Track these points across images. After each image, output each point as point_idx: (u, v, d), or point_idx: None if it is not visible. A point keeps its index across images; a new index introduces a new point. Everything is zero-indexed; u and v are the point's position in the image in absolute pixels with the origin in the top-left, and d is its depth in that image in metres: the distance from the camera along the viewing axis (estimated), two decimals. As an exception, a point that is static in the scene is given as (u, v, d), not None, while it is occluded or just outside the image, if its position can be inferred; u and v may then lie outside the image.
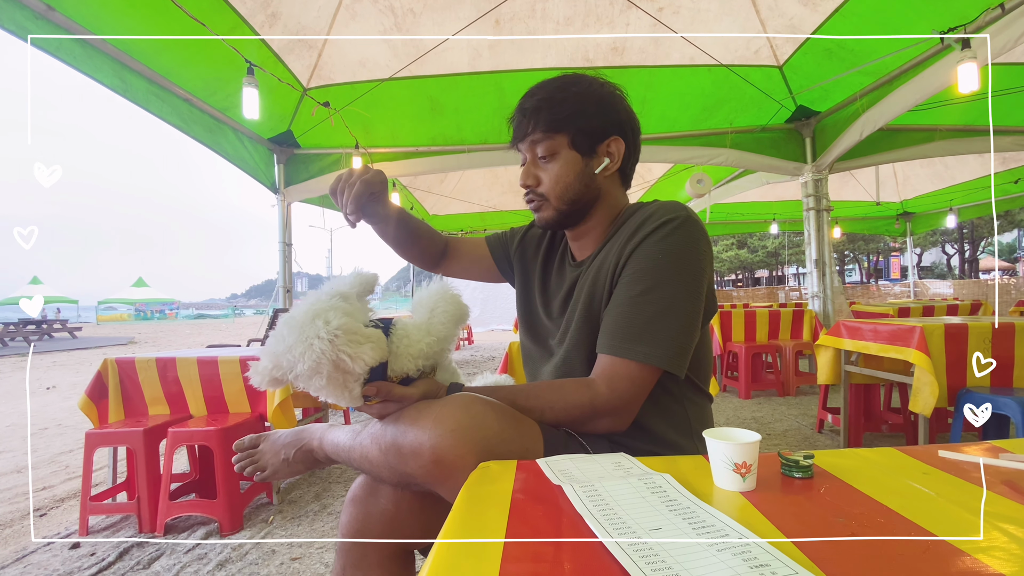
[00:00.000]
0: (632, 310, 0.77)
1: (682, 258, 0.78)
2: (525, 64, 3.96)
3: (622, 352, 0.77)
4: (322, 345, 0.65)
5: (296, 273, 4.89)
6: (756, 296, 18.45)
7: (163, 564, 1.69)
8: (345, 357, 0.67)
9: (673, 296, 0.77)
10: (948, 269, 30.15)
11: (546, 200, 0.89)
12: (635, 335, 0.76)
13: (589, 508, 0.52)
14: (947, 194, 7.16)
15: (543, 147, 0.87)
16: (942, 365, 2.02)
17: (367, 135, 4.52)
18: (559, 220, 0.90)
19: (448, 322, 0.80)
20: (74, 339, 14.03)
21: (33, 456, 3.09)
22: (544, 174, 0.88)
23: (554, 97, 0.86)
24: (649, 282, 0.77)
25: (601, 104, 0.87)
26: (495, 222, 8.54)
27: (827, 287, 4.45)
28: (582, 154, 0.87)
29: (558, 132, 0.86)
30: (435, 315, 0.80)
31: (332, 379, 0.68)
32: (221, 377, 2.11)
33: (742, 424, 3.27)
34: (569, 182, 0.87)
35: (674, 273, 0.77)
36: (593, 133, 0.87)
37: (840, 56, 3.64)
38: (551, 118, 0.85)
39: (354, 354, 0.67)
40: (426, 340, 0.77)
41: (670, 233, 0.78)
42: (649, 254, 0.78)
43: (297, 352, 0.66)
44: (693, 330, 0.79)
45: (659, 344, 0.76)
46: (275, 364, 0.68)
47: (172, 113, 3.34)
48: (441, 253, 1.13)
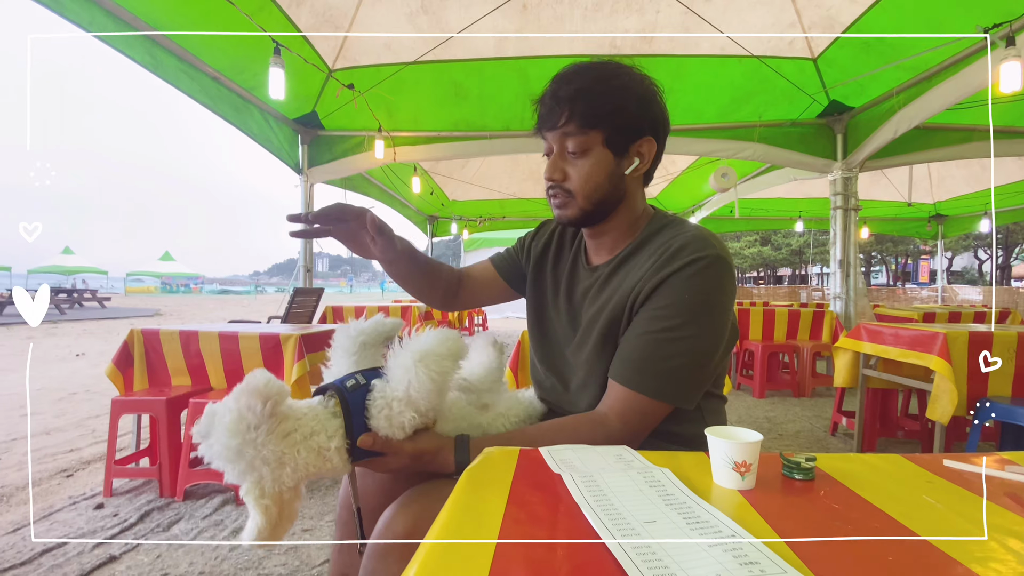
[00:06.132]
0: (653, 346, 0.77)
1: (709, 299, 0.77)
2: (551, 51, 3.91)
3: (637, 387, 0.77)
4: (264, 470, 0.64)
5: (317, 253, 4.97)
6: (777, 295, 18.11)
7: (181, 528, 1.77)
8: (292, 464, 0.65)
9: (695, 336, 0.76)
10: (980, 275, 29.15)
11: (572, 198, 0.84)
12: (653, 372, 0.76)
13: (586, 498, 0.53)
14: (983, 197, 6.90)
15: (575, 142, 0.81)
16: (963, 373, 1.97)
17: (390, 119, 4.54)
18: (582, 219, 0.86)
19: (429, 394, 0.71)
20: (103, 309, 14.52)
21: (62, 419, 3.23)
22: (573, 170, 0.83)
23: (594, 89, 0.80)
24: (674, 320, 0.76)
25: (641, 102, 0.82)
26: (515, 209, 8.52)
27: (850, 288, 4.36)
28: (615, 153, 0.82)
29: (594, 128, 0.80)
30: (412, 390, 0.71)
31: (301, 470, 0.66)
32: (241, 352, 2.17)
33: (754, 423, 3.24)
34: (599, 182, 0.82)
35: (699, 314, 0.76)
36: (629, 132, 0.82)
37: (878, 50, 3.51)
38: (589, 112, 0.79)
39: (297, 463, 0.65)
40: (407, 416, 0.70)
41: (699, 272, 0.76)
42: (676, 291, 0.77)
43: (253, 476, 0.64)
44: (709, 368, 0.80)
45: (675, 383, 0.76)
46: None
47: (200, 91, 3.39)
48: (457, 286, 1.08)
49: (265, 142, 4.17)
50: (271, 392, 0.64)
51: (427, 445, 0.73)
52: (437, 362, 0.71)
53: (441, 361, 0.71)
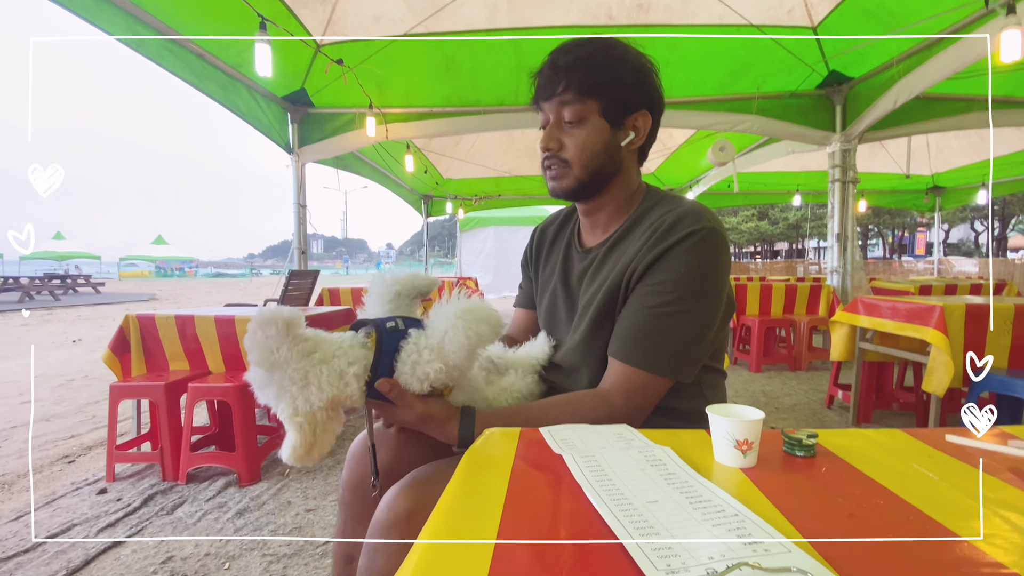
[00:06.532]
0: (651, 321, 0.77)
1: (705, 273, 0.77)
2: (545, 21, 3.81)
3: (638, 363, 0.77)
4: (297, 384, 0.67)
5: (311, 235, 4.92)
6: (774, 269, 18.15)
7: (185, 511, 1.79)
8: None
9: (692, 310, 0.77)
10: (976, 247, 29.24)
11: (568, 167, 0.85)
12: (652, 347, 0.77)
13: (588, 478, 0.53)
14: (981, 168, 6.85)
15: (572, 110, 0.82)
16: (960, 345, 1.98)
17: (381, 94, 4.44)
18: (578, 190, 0.86)
19: (460, 350, 0.72)
20: (98, 294, 14.44)
21: (61, 406, 3.23)
22: (569, 139, 0.83)
23: (592, 59, 0.81)
24: (671, 295, 0.77)
25: (637, 75, 0.83)
26: (510, 187, 8.42)
27: (847, 262, 4.35)
28: (610, 124, 0.83)
29: (590, 97, 0.81)
30: (447, 341, 0.72)
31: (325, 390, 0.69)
32: (238, 336, 2.16)
33: (750, 397, 3.27)
34: (596, 151, 0.83)
35: (696, 288, 0.77)
36: (626, 104, 0.83)
37: (879, 18, 3.43)
38: (587, 81, 0.81)
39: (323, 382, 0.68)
40: (434, 366, 0.72)
41: (695, 246, 0.77)
42: (672, 266, 0.77)
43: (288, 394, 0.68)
44: (706, 341, 0.80)
45: (674, 357, 0.77)
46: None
47: (185, 69, 3.30)
48: None
49: (254, 121, 4.09)
50: (280, 316, 0.66)
51: (436, 411, 0.73)
52: (477, 323, 0.72)
53: (480, 324, 0.73)
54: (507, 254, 12.69)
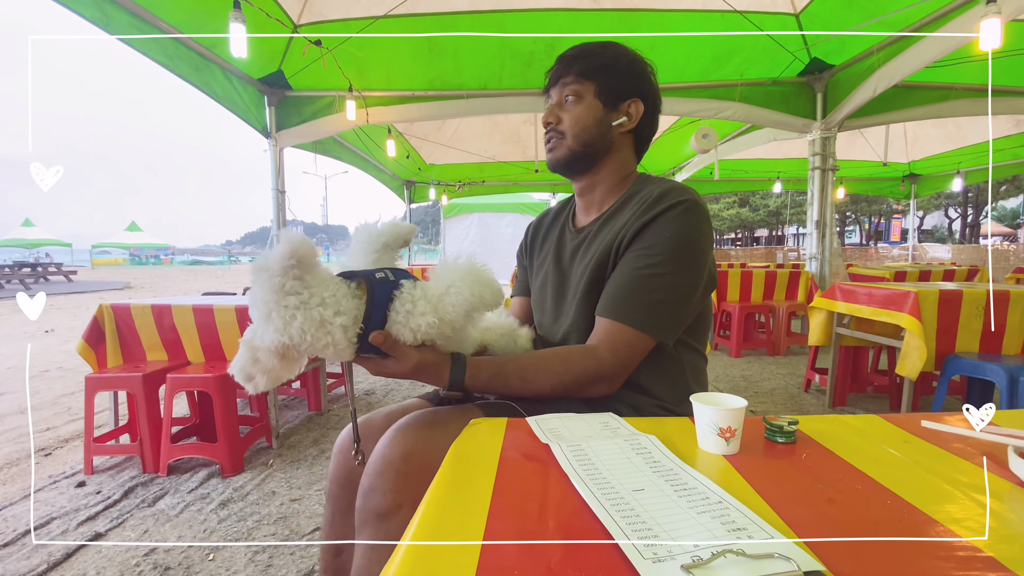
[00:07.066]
0: (638, 282, 0.83)
1: (688, 239, 0.84)
2: (529, 3, 3.75)
3: (624, 319, 0.83)
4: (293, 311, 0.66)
5: (290, 220, 4.83)
6: (754, 256, 18.41)
7: (167, 502, 1.76)
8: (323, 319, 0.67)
9: (676, 273, 0.83)
10: (949, 233, 30.04)
11: (563, 138, 0.94)
12: (638, 304, 0.82)
13: (575, 467, 0.53)
14: (956, 156, 7.01)
15: (571, 89, 0.93)
16: (933, 330, 2.04)
17: (361, 77, 4.33)
18: (570, 159, 0.95)
19: (459, 307, 0.72)
20: (70, 283, 14.03)
21: (36, 398, 3.15)
22: (566, 114, 0.94)
23: (592, 50, 0.94)
24: (656, 258, 0.83)
25: (631, 66, 0.94)
26: (494, 173, 8.35)
27: (826, 249, 4.44)
28: (604, 105, 0.93)
29: (587, 79, 0.93)
30: (448, 296, 0.72)
31: (319, 336, 0.68)
32: (217, 325, 2.12)
33: (730, 382, 3.34)
34: (587, 124, 0.93)
35: (679, 252, 0.83)
36: (619, 90, 0.93)
37: (861, 5, 3.45)
38: (585, 66, 0.93)
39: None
40: (427, 319, 0.71)
41: (680, 214, 0.84)
42: (659, 232, 0.84)
43: (277, 321, 0.67)
44: (689, 305, 0.86)
45: (658, 316, 0.83)
46: (252, 346, 0.71)
47: (157, 49, 3.17)
48: None
49: (230, 104, 3.96)
50: (297, 251, 0.65)
51: (430, 358, 0.76)
52: (482, 285, 0.75)
53: (485, 287, 0.75)
54: (492, 241, 12.64)
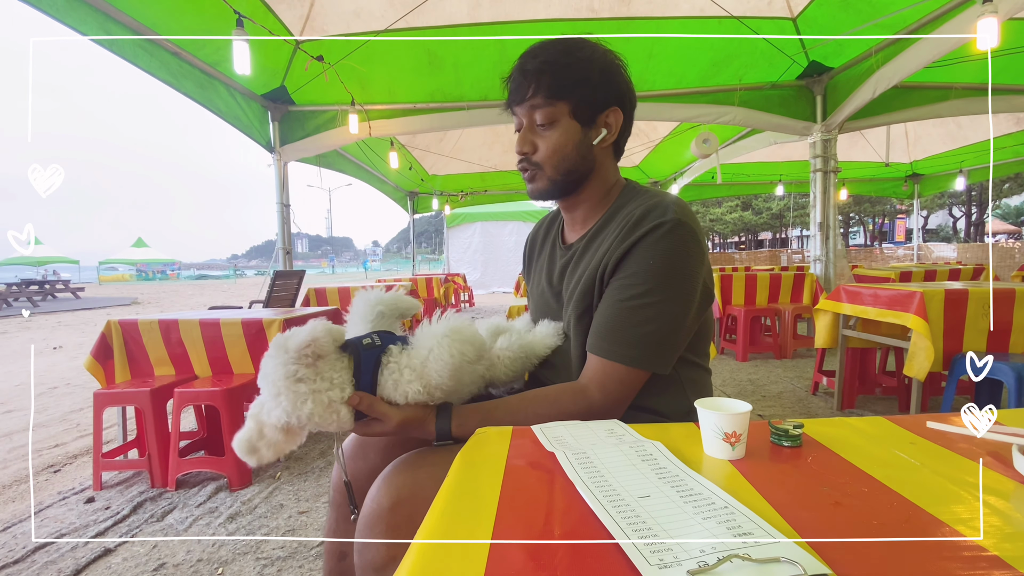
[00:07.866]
0: (624, 314, 0.79)
1: (673, 264, 0.78)
2: (527, 14, 3.79)
3: (614, 356, 0.79)
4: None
5: (295, 234, 4.86)
6: (758, 259, 18.36)
7: (176, 517, 1.77)
8: None
9: (663, 301, 0.78)
10: (954, 232, 29.87)
11: (540, 170, 0.87)
12: (626, 340, 0.78)
13: (580, 475, 0.53)
14: (958, 155, 6.99)
15: (543, 114, 0.84)
16: (939, 330, 2.03)
17: (363, 91, 4.39)
18: (552, 190, 0.89)
19: (442, 372, 0.73)
20: (77, 299, 14.13)
21: (44, 415, 3.17)
22: (541, 142, 0.86)
23: (559, 61, 0.83)
24: (640, 288, 0.78)
25: (604, 73, 0.84)
26: (495, 182, 8.41)
27: (830, 250, 4.42)
28: (582, 124, 0.85)
29: (560, 99, 0.83)
30: (431, 359, 0.73)
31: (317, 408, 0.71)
32: (224, 339, 2.13)
33: (737, 386, 3.32)
34: (567, 152, 0.85)
35: (665, 279, 0.78)
36: (595, 103, 0.84)
37: (857, 7, 3.47)
38: (555, 84, 0.82)
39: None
40: (414, 387, 0.73)
41: (662, 237, 0.78)
42: (642, 258, 0.79)
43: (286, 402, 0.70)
44: (681, 331, 0.81)
45: (648, 348, 0.78)
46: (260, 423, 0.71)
47: (161, 68, 3.22)
48: None
49: (234, 120, 4.01)
50: (316, 340, 0.69)
51: (413, 413, 0.75)
52: (460, 343, 0.74)
53: (464, 344, 0.74)
54: (494, 249, 12.68)
